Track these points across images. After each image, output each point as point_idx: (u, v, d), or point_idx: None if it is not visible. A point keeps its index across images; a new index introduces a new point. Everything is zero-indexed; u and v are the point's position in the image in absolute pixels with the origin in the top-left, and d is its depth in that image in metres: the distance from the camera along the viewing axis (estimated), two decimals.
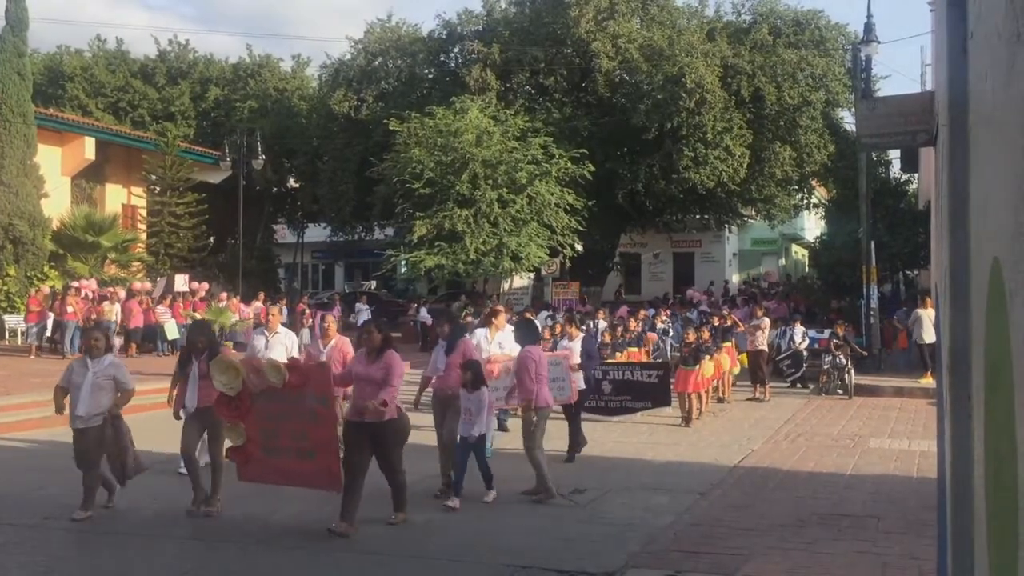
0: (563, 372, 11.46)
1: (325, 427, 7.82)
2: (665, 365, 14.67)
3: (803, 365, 19.58)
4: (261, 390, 7.88)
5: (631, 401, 13.95)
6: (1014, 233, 1.65)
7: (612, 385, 13.91)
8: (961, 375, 2.94)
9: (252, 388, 7.92)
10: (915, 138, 5.64)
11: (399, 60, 36.39)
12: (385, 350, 7.98)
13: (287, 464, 7.95)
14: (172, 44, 42.88)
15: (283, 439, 7.94)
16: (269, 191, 39.65)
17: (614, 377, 14.01)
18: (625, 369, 14.42)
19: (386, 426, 7.79)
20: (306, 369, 8.14)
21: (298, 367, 8.13)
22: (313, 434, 7.78)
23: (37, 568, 7.02)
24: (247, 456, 8.13)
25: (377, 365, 7.87)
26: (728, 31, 33.45)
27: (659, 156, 31.56)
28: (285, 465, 7.96)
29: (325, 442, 7.78)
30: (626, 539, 7.76)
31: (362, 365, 8.03)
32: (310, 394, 7.75)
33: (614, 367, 14.54)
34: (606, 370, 14.14)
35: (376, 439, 7.81)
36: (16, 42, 26.96)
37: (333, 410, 7.95)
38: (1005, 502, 1.78)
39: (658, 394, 13.96)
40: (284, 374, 7.79)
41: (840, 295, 27.45)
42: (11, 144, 25.98)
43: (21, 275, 25.81)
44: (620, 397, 13.90)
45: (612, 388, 13.90)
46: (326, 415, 7.81)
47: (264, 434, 8.03)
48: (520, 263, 28.68)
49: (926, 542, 7.04)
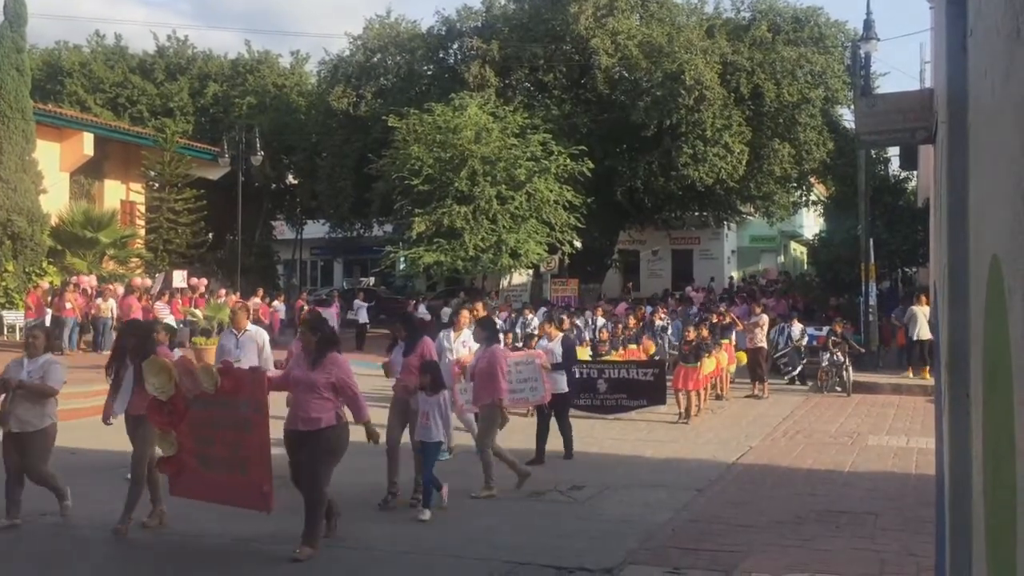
0: (535, 372, 11.08)
1: (258, 436, 7.17)
2: (660, 363, 14.71)
3: (800, 362, 19.60)
4: (195, 395, 7.35)
5: (627, 399, 13.94)
6: (1013, 230, 1.65)
7: (607, 383, 13.88)
8: (960, 372, 2.95)
9: (186, 392, 7.39)
10: (914, 135, 5.64)
11: (398, 56, 36.34)
12: (326, 352, 7.23)
13: (220, 478, 7.36)
14: (171, 40, 42.86)
15: (218, 447, 7.39)
16: (268, 187, 39.61)
17: (609, 375, 14.00)
18: (620, 367, 14.39)
19: (321, 435, 7.04)
20: (240, 374, 7.48)
21: (231, 371, 7.49)
22: (246, 444, 7.18)
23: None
24: (180, 467, 7.56)
25: (320, 370, 7.12)
26: (727, 28, 33.44)
27: (658, 153, 31.56)
28: (218, 479, 7.37)
29: (257, 454, 7.13)
30: (624, 535, 7.76)
31: (302, 369, 7.27)
32: (244, 400, 7.17)
33: (609, 365, 14.52)
34: (601, 368, 14.17)
35: (308, 447, 7.07)
36: (15, 37, 26.92)
37: (266, 419, 7.20)
38: (1004, 499, 1.78)
39: (653, 392, 13.97)
40: (216, 378, 7.26)
41: (839, 292, 27.47)
42: (9, 140, 25.95)
43: (19, 271, 25.78)
44: (616, 395, 13.88)
45: (608, 386, 13.87)
46: (260, 423, 7.16)
47: (199, 442, 7.47)
48: (519, 260, 28.68)
49: (924, 539, 7.05)
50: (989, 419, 2.12)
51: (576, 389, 13.71)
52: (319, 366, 7.14)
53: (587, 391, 13.86)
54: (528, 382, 10.95)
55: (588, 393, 13.85)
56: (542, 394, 10.93)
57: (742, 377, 18.52)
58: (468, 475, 9.20)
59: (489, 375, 9.35)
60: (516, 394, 10.73)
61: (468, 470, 9.46)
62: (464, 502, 8.88)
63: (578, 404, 13.89)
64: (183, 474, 7.56)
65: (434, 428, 8.31)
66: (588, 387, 13.85)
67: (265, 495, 7.00)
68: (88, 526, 7.93)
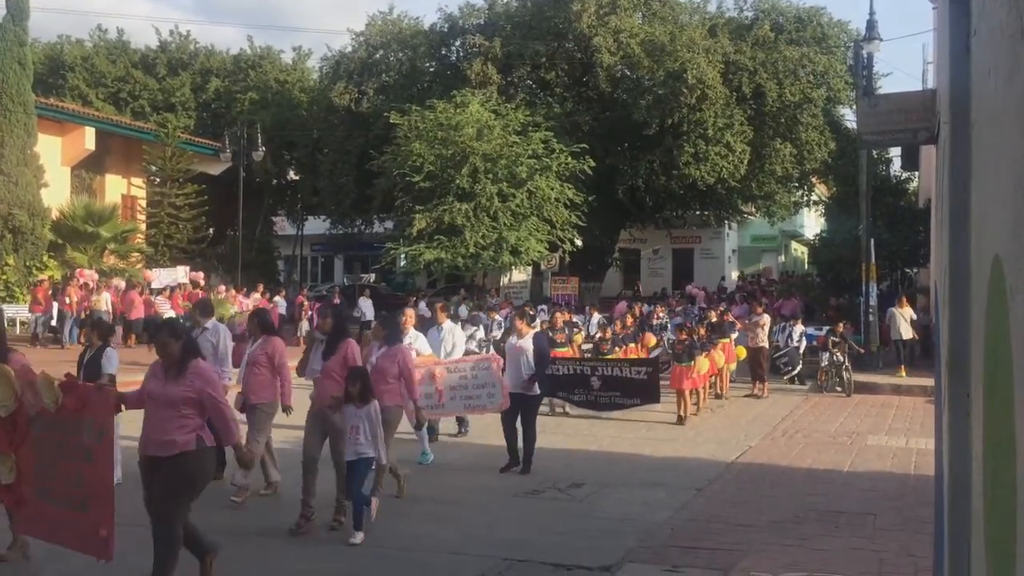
0: (492, 377, 10.35)
1: (100, 469, 6.02)
2: (654, 362, 14.50)
3: (799, 362, 19.59)
4: (37, 412, 6.31)
5: (620, 397, 13.76)
6: (1015, 230, 1.65)
7: (601, 381, 13.76)
8: (960, 373, 2.94)
9: (28, 408, 6.36)
10: (916, 136, 5.63)
11: (400, 53, 36.35)
12: (187, 361, 6.01)
13: (60, 514, 6.18)
14: (173, 35, 42.88)
15: (59, 479, 6.21)
16: (269, 183, 39.62)
17: (603, 373, 13.85)
18: (614, 365, 14.26)
19: (178, 461, 5.85)
20: (84, 391, 6.25)
21: (75, 387, 6.32)
22: (87, 477, 6.02)
23: None
24: (18, 498, 6.47)
25: (179, 382, 5.93)
26: (730, 27, 33.44)
27: (660, 152, 31.57)
28: (57, 515, 6.20)
29: (99, 490, 5.96)
30: (623, 534, 7.76)
31: (158, 382, 6.03)
32: (87, 424, 6.02)
33: (603, 363, 14.45)
34: (595, 366, 14.10)
35: (162, 475, 5.89)
36: (17, 31, 26.92)
37: (110, 448, 6.15)
38: (1003, 500, 1.78)
39: (647, 391, 13.76)
40: (57, 394, 6.13)
41: (839, 292, 27.46)
42: (11, 133, 25.96)
43: (20, 265, 25.80)
44: (609, 393, 13.73)
45: (601, 384, 13.75)
46: (102, 454, 6.02)
47: (39, 471, 6.34)
48: (519, 257, 28.70)
49: (923, 539, 7.05)
50: (989, 419, 2.12)
51: (570, 385, 13.84)
52: (179, 378, 5.95)
53: (581, 387, 13.81)
54: (485, 388, 10.33)
55: (582, 389, 13.81)
56: (500, 400, 10.23)
57: (742, 376, 18.53)
58: (455, 470, 9.20)
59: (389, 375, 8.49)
60: (473, 400, 10.40)
61: (453, 463, 9.46)
62: (463, 499, 8.89)
63: (572, 399, 14.05)
64: (22, 507, 6.48)
65: (365, 443, 7.47)
66: (582, 383, 13.79)
67: (103, 540, 5.81)
68: None
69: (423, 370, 10.02)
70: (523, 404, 10.26)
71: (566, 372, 13.91)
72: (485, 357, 11.00)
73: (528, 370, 10.25)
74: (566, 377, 13.84)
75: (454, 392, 10.33)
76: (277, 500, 8.77)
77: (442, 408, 10.46)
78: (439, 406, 10.34)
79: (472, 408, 10.60)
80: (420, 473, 9.21)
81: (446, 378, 10.31)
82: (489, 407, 10.42)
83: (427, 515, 8.30)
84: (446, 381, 10.30)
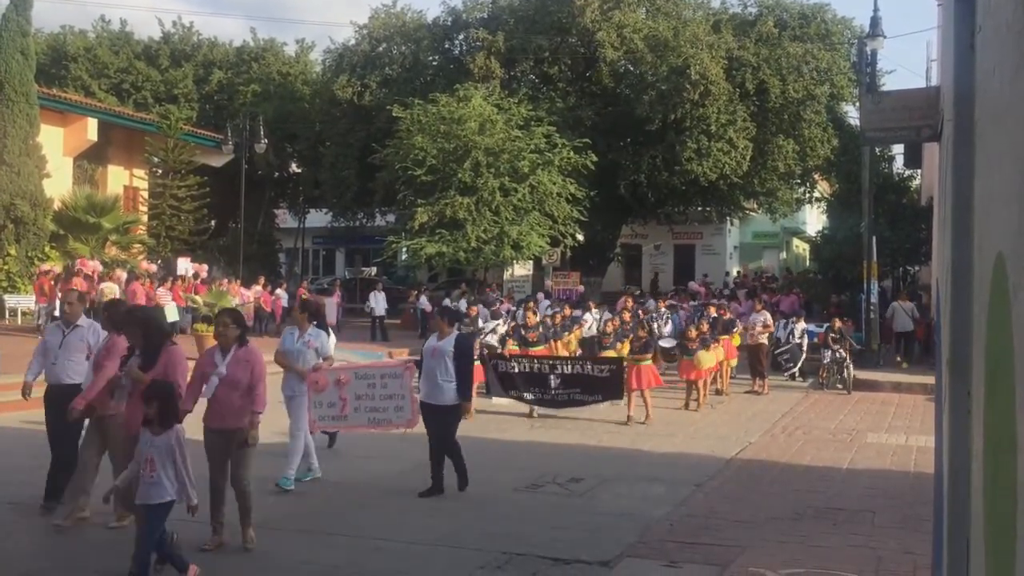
0: (402, 388, 9.07)
1: None
2: (619, 360, 13.95)
3: (800, 359, 19.58)
4: None
5: (580, 394, 13.38)
6: (1019, 228, 1.65)
7: (560, 379, 13.37)
8: (961, 370, 2.94)
9: None
10: (919, 133, 5.62)
11: (403, 46, 36.28)
12: None
13: None
14: (176, 26, 42.76)
15: None
16: (271, 175, 39.59)
17: (562, 371, 13.48)
18: (576, 363, 13.95)
19: None
20: None
21: None
22: None
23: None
24: None
25: None
26: (733, 23, 33.36)
27: (662, 147, 31.53)
28: None
29: None
30: (622, 529, 7.77)
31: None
32: None
33: (563, 361, 14.13)
34: (554, 364, 13.73)
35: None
36: (20, 21, 26.89)
37: None
38: (1003, 498, 1.78)
39: (609, 388, 13.41)
40: None
41: (840, 290, 27.47)
42: (14, 124, 25.94)
43: (22, 255, 25.81)
44: (568, 390, 13.34)
45: (560, 382, 13.35)
46: None
47: None
48: (521, 252, 28.69)
49: (922, 537, 7.05)
50: (990, 418, 2.12)
51: (526, 383, 13.50)
52: None
53: (538, 385, 13.47)
54: (393, 400, 9.01)
55: (538, 388, 13.45)
56: (408, 416, 8.97)
57: (742, 373, 18.52)
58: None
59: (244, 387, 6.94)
60: (379, 414, 9.07)
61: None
62: (460, 493, 8.89)
63: (525, 398, 13.62)
64: None
65: (165, 482, 5.96)
66: (539, 382, 13.45)
67: None
68: None
69: (327, 374, 9.01)
70: (440, 416, 8.81)
71: (522, 370, 13.53)
72: (397, 364, 9.68)
73: (446, 377, 8.75)
74: (522, 375, 13.49)
75: (359, 402, 9.01)
76: (279, 492, 8.75)
77: (345, 420, 9.15)
78: (342, 417, 9.10)
79: (377, 423, 9.15)
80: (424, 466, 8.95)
81: (353, 385, 9.04)
82: (395, 422, 9.06)
83: (426, 508, 8.30)
84: (352, 388, 9.03)
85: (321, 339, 9.20)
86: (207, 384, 6.89)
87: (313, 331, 9.21)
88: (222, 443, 6.88)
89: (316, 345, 9.11)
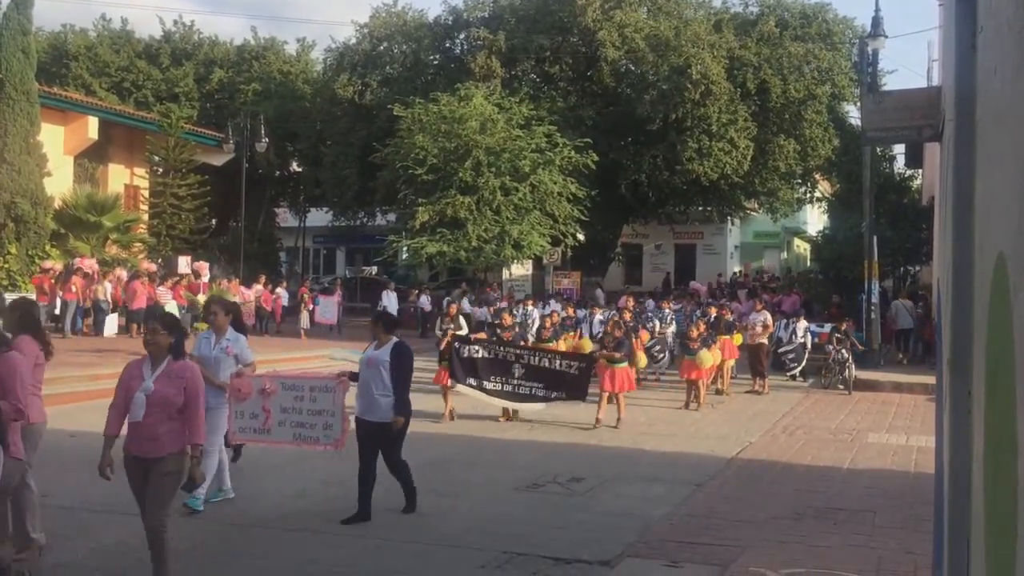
0: (333, 404, 8.05)
1: None
2: (589, 358, 13.30)
3: (804, 359, 19.57)
4: None
5: (542, 389, 12.52)
6: (1020, 228, 1.65)
7: (524, 369, 12.52)
8: (962, 370, 2.94)
9: None
10: (920, 133, 5.62)
11: (404, 45, 36.32)
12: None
13: None
14: (177, 25, 42.81)
15: None
16: (272, 174, 39.61)
17: (529, 362, 12.60)
18: (543, 356, 12.94)
19: None
20: None
21: None
22: None
23: None
24: None
25: None
26: (735, 23, 33.40)
27: (663, 147, 31.55)
28: None
29: None
30: (623, 528, 7.77)
31: None
32: None
33: (530, 351, 13.17)
34: (520, 353, 12.87)
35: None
36: (21, 20, 26.87)
37: None
38: (1004, 498, 1.78)
39: (574, 387, 12.53)
40: None
41: (841, 290, 27.47)
42: (14, 122, 25.93)
43: (22, 254, 25.80)
44: (530, 383, 12.49)
45: (523, 372, 12.50)
46: None
47: None
48: (521, 251, 28.69)
49: (922, 537, 7.05)
50: (990, 418, 2.12)
51: (487, 371, 12.64)
52: None
53: (500, 374, 12.63)
54: (322, 416, 8.04)
55: (500, 377, 12.60)
56: (337, 437, 8.01)
57: (743, 373, 18.52)
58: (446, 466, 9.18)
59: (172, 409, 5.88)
60: (305, 430, 8.11)
61: (455, 457, 9.44)
62: (463, 492, 8.89)
63: (485, 388, 12.69)
64: None
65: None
66: (502, 370, 12.64)
67: None
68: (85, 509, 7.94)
69: (250, 381, 8.13)
70: (379, 435, 7.87)
71: (485, 356, 12.66)
72: (330, 376, 8.36)
73: (382, 391, 7.83)
74: (484, 361, 12.61)
75: (285, 416, 8.11)
76: (280, 496, 8.75)
77: (268, 434, 8.18)
78: (264, 430, 8.16)
79: (302, 440, 8.17)
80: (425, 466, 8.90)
81: (279, 396, 8.11)
82: (322, 442, 8.06)
83: (428, 507, 8.30)
84: (278, 400, 8.10)
85: (241, 344, 8.34)
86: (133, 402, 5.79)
87: (232, 335, 8.34)
88: (139, 472, 5.81)
89: (236, 351, 8.25)
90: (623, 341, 13.60)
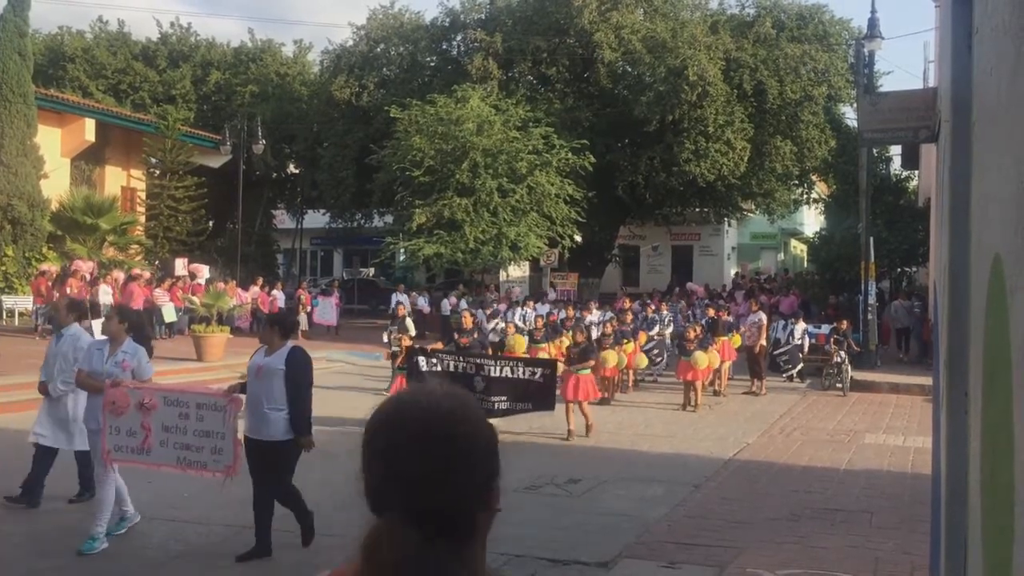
0: (223, 425, 6.96)
1: None
2: (553, 363, 12.56)
3: (800, 361, 19.59)
4: None
5: (506, 402, 11.66)
6: (1017, 228, 1.65)
7: (485, 382, 11.64)
8: (959, 371, 2.94)
9: None
10: (917, 134, 5.63)
11: (401, 47, 36.30)
12: None
13: None
14: (174, 27, 42.81)
15: None
16: (269, 176, 39.59)
17: (489, 373, 11.70)
18: (505, 365, 12.05)
19: None
20: None
21: None
22: None
23: None
24: None
25: None
26: (731, 24, 33.40)
27: (660, 148, 31.56)
28: None
29: None
30: (620, 529, 7.78)
31: None
32: None
33: (491, 361, 12.25)
34: (482, 363, 11.92)
35: None
36: (17, 22, 26.88)
37: None
38: (1001, 499, 1.78)
39: (541, 396, 11.73)
40: None
41: (838, 291, 27.51)
42: (11, 124, 25.92)
43: (19, 256, 25.78)
44: (495, 397, 11.54)
45: (485, 385, 11.62)
46: None
47: None
48: (519, 253, 28.69)
49: (919, 537, 7.05)
50: (987, 419, 2.12)
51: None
52: None
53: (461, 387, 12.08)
54: (210, 438, 6.95)
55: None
56: (228, 462, 6.90)
57: (740, 374, 18.53)
58: None
59: None
60: (190, 452, 7.00)
61: None
62: None
63: None
64: None
65: None
66: (463, 385, 11.22)
67: None
68: None
69: (125, 392, 7.07)
70: (268, 456, 6.83)
71: (444, 369, 11.73)
72: (219, 394, 7.13)
73: (273, 404, 6.77)
74: (444, 375, 11.54)
75: (167, 435, 7.03)
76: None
77: (147, 455, 7.09)
78: (143, 450, 7.07)
79: (187, 465, 7.04)
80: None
81: (160, 412, 7.04)
82: (211, 467, 6.95)
83: None
84: (159, 416, 7.04)
85: (140, 357, 7.30)
86: None
87: (130, 347, 7.29)
88: None
89: (132, 366, 7.22)
90: (588, 348, 13.05)
